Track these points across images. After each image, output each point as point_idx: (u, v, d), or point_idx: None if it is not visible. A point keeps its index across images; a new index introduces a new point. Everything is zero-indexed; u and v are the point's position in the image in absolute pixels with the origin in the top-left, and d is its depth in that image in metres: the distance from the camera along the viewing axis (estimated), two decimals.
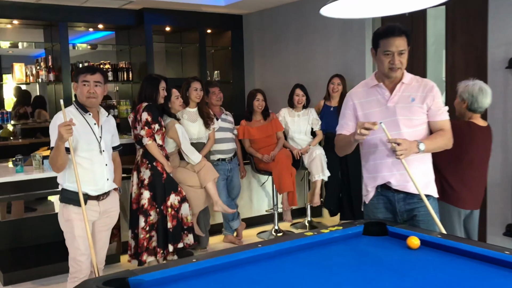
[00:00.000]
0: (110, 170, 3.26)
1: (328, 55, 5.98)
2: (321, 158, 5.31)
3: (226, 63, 7.36)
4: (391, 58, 2.62)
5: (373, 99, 2.75)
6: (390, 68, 2.64)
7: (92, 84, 3.13)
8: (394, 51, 2.60)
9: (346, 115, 2.82)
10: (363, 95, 2.78)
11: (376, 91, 2.74)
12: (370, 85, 2.77)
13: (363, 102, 2.77)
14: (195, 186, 4.67)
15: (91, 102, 3.16)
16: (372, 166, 2.77)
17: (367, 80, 2.84)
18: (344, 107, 2.84)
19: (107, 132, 3.26)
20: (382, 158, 2.72)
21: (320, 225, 5.87)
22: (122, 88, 7.19)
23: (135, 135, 4.43)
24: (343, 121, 2.84)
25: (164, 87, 4.44)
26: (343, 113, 2.85)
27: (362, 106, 2.77)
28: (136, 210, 4.38)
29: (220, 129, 5.10)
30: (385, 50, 2.63)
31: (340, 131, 2.84)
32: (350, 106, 2.80)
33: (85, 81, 3.13)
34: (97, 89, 3.16)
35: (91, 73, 3.15)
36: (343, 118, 2.85)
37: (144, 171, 4.32)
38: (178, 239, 4.39)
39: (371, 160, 2.77)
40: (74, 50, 7.26)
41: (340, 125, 2.86)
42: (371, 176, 2.78)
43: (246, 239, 5.37)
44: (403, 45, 2.61)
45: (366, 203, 2.84)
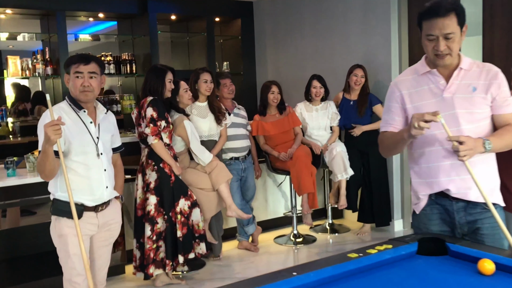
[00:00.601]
0: (110, 176, 2.80)
1: (349, 42, 5.48)
2: (342, 156, 4.84)
3: (236, 53, 6.93)
4: (435, 43, 2.14)
5: (425, 89, 2.27)
6: (436, 55, 2.16)
7: (86, 76, 2.67)
8: (438, 35, 2.11)
9: (392, 109, 2.34)
10: (413, 84, 2.30)
11: (428, 78, 2.26)
12: (421, 71, 2.29)
13: (413, 93, 2.29)
14: (206, 189, 4.22)
15: (86, 96, 2.69)
16: (426, 170, 2.28)
17: (416, 65, 2.35)
18: (389, 99, 2.37)
19: (105, 132, 2.80)
20: (438, 160, 2.24)
21: (341, 227, 5.40)
22: (125, 82, 6.76)
23: (139, 133, 3.97)
24: (389, 115, 2.36)
25: (171, 79, 3.98)
26: (388, 107, 2.37)
27: (411, 97, 2.29)
28: (142, 217, 3.93)
29: (233, 125, 4.63)
30: (427, 34, 2.15)
31: (385, 128, 2.37)
32: (397, 97, 2.32)
33: (78, 72, 2.66)
34: (93, 81, 2.69)
35: (84, 62, 2.68)
36: (388, 112, 2.37)
37: (150, 173, 3.87)
38: (189, 249, 3.94)
39: (423, 163, 2.28)
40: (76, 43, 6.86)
41: (384, 120, 2.38)
42: (423, 181, 2.30)
43: (262, 245, 4.92)
44: (451, 26, 2.11)
45: (416, 213, 2.36)
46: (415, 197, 2.36)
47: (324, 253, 4.72)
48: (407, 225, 5.25)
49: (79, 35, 6.96)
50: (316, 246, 4.91)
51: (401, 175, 5.20)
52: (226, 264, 4.49)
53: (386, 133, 2.36)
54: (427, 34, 2.15)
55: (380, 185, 5.13)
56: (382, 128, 2.39)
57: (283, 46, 6.39)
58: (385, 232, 5.20)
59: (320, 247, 4.87)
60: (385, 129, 2.37)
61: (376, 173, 5.11)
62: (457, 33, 2.13)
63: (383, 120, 2.40)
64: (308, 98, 5.10)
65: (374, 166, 5.09)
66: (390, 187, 5.20)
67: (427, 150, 2.26)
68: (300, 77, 5.79)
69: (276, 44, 6.50)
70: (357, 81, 4.99)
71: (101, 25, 7.47)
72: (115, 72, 6.21)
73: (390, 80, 5.05)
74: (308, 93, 5.08)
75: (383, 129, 2.38)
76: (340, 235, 5.23)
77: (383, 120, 2.40)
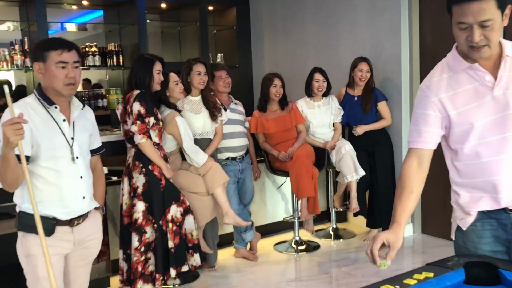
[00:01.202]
0: (88, 183, 2.36)
1: (355, 31, 5.06)
2: (351, 155, 4.43)
3: (231, 44, 6.48)
4: (468, 33, 1.70)
5: (468, 89, 1.82)
6: (470, 47, 1.73)
7: (71, 66, 2.23)
8: (472, 23, 1.68)
9: (428, 118, 1.87)
10: (452, 85, 1.84)
11: (470, 76, 1.82)
12: (458, 68, 1.83)
13: (454, 96, 1.83)
14: (200, 193, 3.80)
15: (72, 91, 2.26)
16: (482, 184, 1.85)
17: (448, 61, 1.89)
18: (422, 106, 1.88)
19: (82, 131, 2.36)
20: (500, 173, 1.82)
21: (346, 233, 5.00)
22: (112, 75, 6.32)
23: (125, 132, 3.53)
24: (421, 127, 1.88)
25: (160, 70, 3.55)
26: (419, 116, 1.89)
27: (453, 101, 1.83)
28: (128, 225, 3.50)
29: (229, 121, 4.20)
30: (458, 22, 1.72)
31: (415, 144, 1.90)
32: (434, 104, 1.85)
33: (63, 62, 2.22)
34: (77, 72, 2.27)
35: (68, 49, 2.23)
36: (419, 123, 1.89)
37: (137, 176, 3.43)
38: (182, 261, 3.52)
39: (479, 176, 1.85)
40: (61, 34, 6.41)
41: (415, 133, 1.90)
42: (477, 196, 1.88)
43: (261, 253, 4.50)
44: (489, 12, 1.66)
45: (463, 229, 1.93)
46: (460, 211, 1.93)
47: (328, 262, 4.32)
48: (417, 230, 4.86)
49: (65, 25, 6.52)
50: (319, 254, 4.50)
51: None
52: (222, 275, 4.07)
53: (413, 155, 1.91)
54: (458, 21, 1.71)
55: (387, 186, 4.73)
56: (412, 144, 1.91)
57: (282, 37, 5.95)
58: None
59: (324, 256, 4.46)
60: (415, 146, 1.90)
61: (384, 174, 4.71)
62: (496, 19, 1.68)
63: (412, 132, 1.91)
64: (309, 93, 4.68)
65: (381, 167, 4.69)
66: None
67: (480, 161, 1.84)
68: (300, 71, 5.36)
69: (274, 34, 6.06)
70: (362, 77, 4.59)
71: (88, 15, 7.05)
72: (100, 64, 5.78)
73: (399, 73, 4.65)
74: (309, 88, 4.66)
75: (413, 145, 1.90)
76: (345, 241, 4.83)
77: (412, 133, 1.91)
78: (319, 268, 4.18)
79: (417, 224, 4.84)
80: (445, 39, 4.43)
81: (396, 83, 4.70)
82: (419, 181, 1.91)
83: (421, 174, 1.91)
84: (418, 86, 4.71)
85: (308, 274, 4.07)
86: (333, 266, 4.21)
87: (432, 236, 4.75)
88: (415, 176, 1.90)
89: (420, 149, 1.89)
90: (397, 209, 1.87)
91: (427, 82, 1.90)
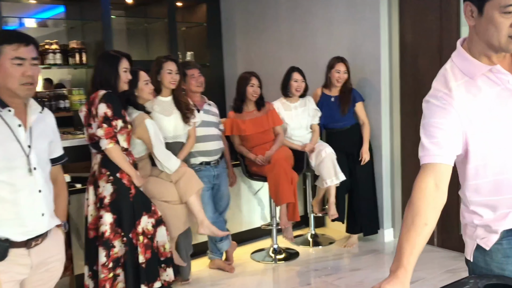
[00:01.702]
0: (47, 198, 2.05)
1: (332, 29, 4.85)
2: (332, 158, 4.22)
3: (201, 42, 6.21)
4: None
5: (491, 95, 1.58)
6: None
7: (28, 63, 1.93)
8: None
9: (447, 128, 1.58)
10: (472, 92, 1.58)
11: (489, 79, 1.59)
12: (477, 72, 1.58)
13: (474, 105, 1.57)
14: (173, 202, 3.51)
15: (29, 91, 1.97)
16: (508, 201, 1.63)
17: (457, 63, 1.63)
18: (438, 114, 1.59)
19: (41, 138, 2.05)
20: None
21: (324, 238, 4.79)
22: (75, 74, 5.96)
23: (89, 136, 3.22)
24: (443, 138, 1.57)
25: (127, 68, 3.24)
26: (436, 125, 1.59)
27: (475, 112, 1.57)
28: (94, 239, 3.18)
29: (203, 123, 3.93)
30: (506, 5, 1.47)
31: (430, 159, 1.59)
32: (451, 114, 1.58)
33: (19, 58, 1.91)
34: (36, 70, 1.97)
35: (25, 43, 1.93)
36: (438, 133, 1.59)
37: (103, 185, 3.12)
38: (154, 277, 3.22)
39: (507, 192, 1.61)
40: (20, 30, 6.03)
41: (433, 145, 1.59)
42: (503, 213, 1.64)
43: (237, 263, 4.24)
44: None
45: (485, 249, 1.67)
46: (482, 230, 1.69)
47: (308, 271, 4.09)
48: (397, 235, 4.67)
49: (24, 21, 6.13)
50: (298, 262, 4.27)
51: (391, 180, 4.62)
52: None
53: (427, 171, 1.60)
54: (505, 4, 1.47)
55: (367, 190, 4.56)
56: (426, 158, 1.60)
57: (255, 34, 5.71)
58: (374, 242, 4.62)
59: (303, 264, 4.23)
60: (431, 160, 1.59)
61: (363, 177, 4.53)
62: None
63: (425, 146, 1.62)
64: (287, 94, 4.45)
65: (360, 170, 4.51)
66: (379, 193, 4.63)
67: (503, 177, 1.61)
68: (274, 70, 5.13)
69: (247, 32, 5.81)
70: (339, 78, 4.39)
71: (49, 10, 6.63)
72: (62, 62, 5.41)
73: (378, 73, 4.47)
74: (286, 88, 4.43)
75: (428, 160, 1.59)
76: (324, 247, 4.61)
77: (425, 146, 1.62)
78: (299, 278, 3.95)
79: (397, 228, 4.67)
80: (426, 38, 4.27)
81: (375, 83, 4.52)
82: (437, 209, 1.55)
83: (440, 199, 1.56)
84: (398, 85, 4.56)
85: (288, 285, 3.83)
86: (314, 276, 3.98)
87: None
88: (433, 201, 1.54)
89: (438, 164, 1.57)
90: (404, 247, 1.48)
91: (443, 88, 1.62)
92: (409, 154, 4.53)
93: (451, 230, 4.31)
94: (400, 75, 4.53)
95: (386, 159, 4.58)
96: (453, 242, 4.31)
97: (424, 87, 4.33)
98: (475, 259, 1.70)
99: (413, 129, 4.49)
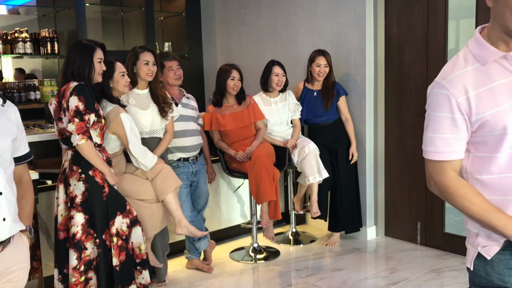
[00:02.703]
0: (9, 201, 1.86)
1: (315, 21, 4.70)
2: (315, 154, 4.08)
3: (180, 33, 6.00)
4: None
5: (503, 84, 1.46)
6: None
7: None
8: None
9: (456, 123, 1.49)
10: (480, 80, 1.47)
11: (503, 67, 1.47)
12: (489, 57, 1.47)
13: (484, 93, 1.46)
14: (149, 200, 3.34)
15: None
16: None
17: (472, 48, 1.52)
18: (444, 108, 1.49)
19: (2, 135, 1.85)
20: None
21: (305, 236, 4.66)
22: (46, 64, 5.71)
23: (59, 131, 3.02)
24: (454, 134, 1.50)
25: (101, 59, 3.04)
26: (444, 120, 1.50)
27: (483, 100, 1.46)
28: (64, 240, 2.99)
29: (181, 118, 3.75)
30: None
31: (446, 156, 1.52)
32: (459, 105, 1.47)
33: None
34: None
35: None
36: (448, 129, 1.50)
37: (75, 184, 2.93)
38: (129, 280, 3.05)
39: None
40: None
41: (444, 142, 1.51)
42: None
43: (216, 262, 4.09)
44: None
45: (486, 258, 1.55)
46: (486, 238, 1.57)
47: (289, 271, 3.96)
48: (380, 233, 4.59)
49: None
50: (279, 262, 4.14)
51: (374, 177, 4.51)
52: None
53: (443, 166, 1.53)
54: None
55: (350, 187, 4.44)
56: (441, 155, 1.52)
57: (235, 25, 5.53)
58: (356, 240, 4.51)
59: (284, 264, 4.09)
60: (447, 157, 1.51)
61: (346, 174, 4.41)
62: None
63: (435, 141, 1.53)
64: (267, 88, 4.29)
65: (343, 166, 4.39)
66: (362, 190, 4.51)
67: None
68: (255, 63, 4.98)
69: (227, 22, 5.63)
70: (320, 72, 4.25)
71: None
72: (33, 52, 5.16)
73: (363, 66, 4.34)
74: (266, 83, 4.27)
75: (444, 157, 1.52)
76: (305, 246, 4.49)
77: (435, 141, 1.53)
78: (280, 279, 3.81)
79: (380, 226, 4.57)
80: (412, 30, 4.15)
81: (359, 77, 4.39)
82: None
83: None
84: (383, 80, 4.44)
85: (269, 287, 3.69)
86: (295, 277, 3.85)
87: (396, 239, 4.50)
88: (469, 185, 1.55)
89: (455, 160, 1.53)
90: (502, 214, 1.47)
91: (447, 76, 1.51)
92: (393, 150, 4.43)
93: (435, 229, 4.23)
94: (385, 68, 4.41)
95: (369, 155, 4.47)
96: (437, 240, 4.23)
97: (409, 81, 4.26)
98: (475, 268, 1.58)
99: (397, 124, 4.38)
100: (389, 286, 3.58)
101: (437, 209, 4.19)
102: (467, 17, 4.12)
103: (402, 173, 4.38)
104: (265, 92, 4.31)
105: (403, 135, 4.35)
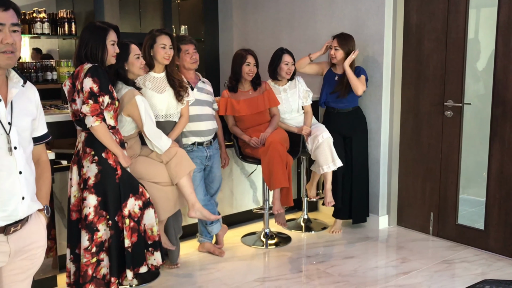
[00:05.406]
0: (28, 180, 1.88)
1: (334, 6, 4.65)
2: (329, 143, 4.06)
3: (196, 16, 5.97)
4: None
5: None
6: None
7: (7, 29, 1.74)
8: None
9: None
10: None
11: None
12: None
13: None
14: (163, 183, 3.35)
15: (9, 60, 1.77)
16: None
17: None
18: None
19: (23, 115, 1.87)
20: None
21: (316, 224, 4.66)
22: (63, 45, 5.74)
23: (73, 112, 3.03)
24: None
25: (114, 41, 3.03)
26: None
27: None
28: (77, 221, 3.02)
29: (196, 102, 3.75)
30: None
31: None
32: None
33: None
34: (17, 37, 1.78)
35: (3, 7, 1.74)
36: None
37: (88, 166, 2.95)
38: (140, 261, 3.07)
39: None
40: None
41: None
42: None
43: (228, 246, 4.11)
44: None
45: None
46: None
47: (300, 258, 3.96)
48: (392, 222, 4.58)
49: None
50: (290, 248, 4.15)
51: (388, 166, 4.48)
52: (185, 273, 3.66)
53: None
54: None
55: (361, 176, 4.41)
56: None
57: (252, 9, 5.49)
58: (367, 229, 4.50)
59: (295, 250, 4.10)
60: None
61: (359, 164, 4.38)
62: None
63: None
64: (275, 77, 4.25)
65: (356, 155, 4.36)
66: (375, 179, 4.49)
67: None
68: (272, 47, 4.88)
69: (244, 6, 5.59)
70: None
71: None
72: (50, 32, 5.19)
73: (381, 54, 4.31)
74: (275, 71, 4.22)
75: None
76: (317, 233, 4.49)
77: None
78: (291, 265, 3.82)
79: (392, 215, 4.56)
80: (432, 19, 4.08)
81: (377, 64, 4.34)
82: None
83: None
84: (400, 68, 4.38)
85: (279, 272, 3.70)
86: (306, 263, 3.86)
87: (408, 229, 4.48)
88: None
89: None
90: None
91: None
92: (408, 140, 4.39)
93: (447, 220, 4.20)
94: (403, 57, 4.35)
95: (384, 144, 4.43)
96: (449, 231, 4.20)
97: (427, 71, 4.20)
98: None
99: (413, 114, 4.34)
100: (400, 276, 3.57)
101: (451, 199, 4.16)
102: (489, 5, 4.04)
103: (416, 163, 4.34)
104: (273, 80, 4.27)
105: (419, 125, 4.31)
